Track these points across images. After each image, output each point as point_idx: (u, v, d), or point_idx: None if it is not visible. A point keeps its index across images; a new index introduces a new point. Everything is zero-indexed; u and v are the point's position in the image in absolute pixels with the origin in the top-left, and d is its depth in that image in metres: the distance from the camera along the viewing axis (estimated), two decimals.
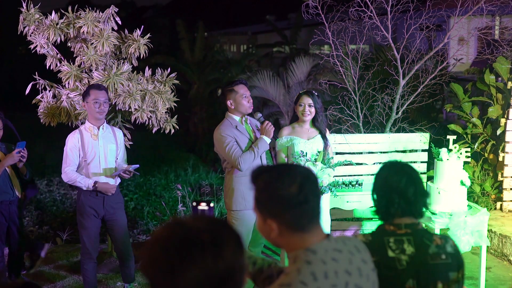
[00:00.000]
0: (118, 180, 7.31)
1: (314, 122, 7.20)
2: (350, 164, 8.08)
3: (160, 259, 2.05)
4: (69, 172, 6.98)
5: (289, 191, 2.64)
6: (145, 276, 2.11)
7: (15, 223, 7.52)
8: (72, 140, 7.01)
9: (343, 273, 2.62)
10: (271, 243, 2.80)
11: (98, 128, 7.05)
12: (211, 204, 2.97)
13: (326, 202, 7.20)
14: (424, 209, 3.54)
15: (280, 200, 2.65)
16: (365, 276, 2.71)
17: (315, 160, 7.02)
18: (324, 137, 7.22)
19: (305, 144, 7.07)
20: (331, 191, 7.19)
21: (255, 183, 2.75)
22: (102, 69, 7.88)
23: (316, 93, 7.24)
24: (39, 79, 8.03)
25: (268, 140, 6.81)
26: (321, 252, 2.63)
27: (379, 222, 3.60)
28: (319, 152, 7.16)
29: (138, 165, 7.23)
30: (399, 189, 3.47)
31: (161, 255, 2.05)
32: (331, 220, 7.30)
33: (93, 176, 7.03)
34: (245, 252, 2.20)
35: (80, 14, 7.87)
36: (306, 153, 7.03)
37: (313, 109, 7.09)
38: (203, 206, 2.96)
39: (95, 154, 7.02)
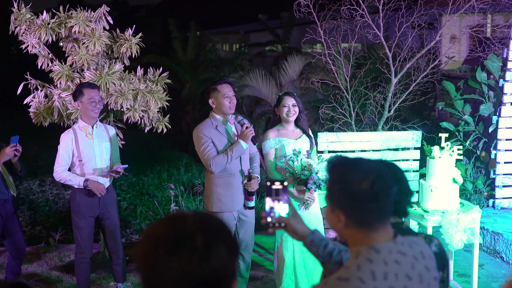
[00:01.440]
0: (112, 178, 7.30)
1: (297, 122, 7.17)
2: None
3: (150, 253, 2.07)
4: (60, 172, 6.96)
5: (360, 187, 2.60)
6: (137, 268, 2.13)
7: (14, 222, 7.45)
8: (65, 140, 6.98)
9: (403, 277, 2.58)
10: (336, 233, 2.80)
11: (92, 127, 7.03)
12: (285, 183, 2.96)
13: (317, 200, 7.19)
14: (408, 208, 3.54)
15: (350, 194, 2.62)
16: (426, 283, 2.67)
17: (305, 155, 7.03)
18: (308, 136, 7.23)
19: (294, 144, 7.05)
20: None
21: (330, 173, 2.74)
22: (94, 69, 7.88)
23: (295, 94, 7.26)
24: (30, 79, 8.02)
25: (244, 145, 6.70)
26: (384, 252, 2.60)
27: None
28: (308, 150, 7.15)
29: (126, 165, 7.21)
30: None
31: (151, 250, 2.07)
32: (323, 218, 7.31)
33: (88, 175, 7.01)
34: (237, 260, 2.19)
35: (71, 13, 7.86)
36: (299, 151, 7.02)
37: (296, 109, 7.07)
38: (277, 185, 2.95)
39: (91, 154, 7.00)
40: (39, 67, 8.03)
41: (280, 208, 2.98)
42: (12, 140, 6.99)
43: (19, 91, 8.02)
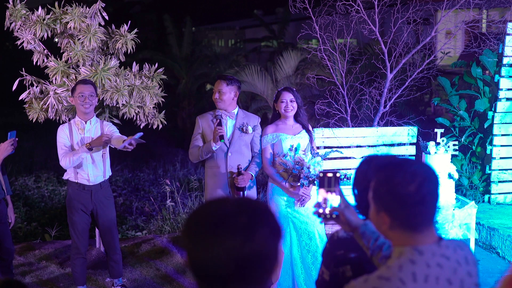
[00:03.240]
0: (108, 174, 7.29)
1: (296, 117, 7.19)
2: (340, 153, 8.06)
3: (195, 234, 2.13)
4: (63, 157, 6.84)
5: (407, 190, 2.60)
6: (183, 249, 2.19)
7: (6, 223, 7.36)
8: (62, 133, 6.96)
9: (444, 281, 2.58)
10: (381, 233, 2.79)
11: (86, 123, 7.02)
12: (338, 174, 2.96)
13: (313, 194, 7.21)
14: None
15: (396, 197, 2.62)
16: None
17: (303, 152, 7.03)
18: (308, 131, 7.23)
19: (292, 139, 7.07)
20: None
21: (375, 174, 2.74)
22: (89, 65, 7.86)
23: (294, 89, 7.27)
24: (26, 75, 8.01)
25: (213, 146, 6.83)
26: (427, 254, 2.60)
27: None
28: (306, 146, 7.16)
29: (142, 133, 7.00)
30: None
31: (196, 230, 2.13)
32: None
33: (82, 168, 6.99)
34: (280, 242, 2.21)
35: (66, 9, 7.84)
36: (296, 147, 7.02)
37: (295, 104, 7.09)
38: (329, 176, 2.96)
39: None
40: (34, 63, 8.02)
41: (333, 199, 2.99)
42: (9, 135, 6.94)
43: (14, 87, 8.00)
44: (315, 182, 6.85)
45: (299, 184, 6.83)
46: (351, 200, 3.37)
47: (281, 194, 7.02)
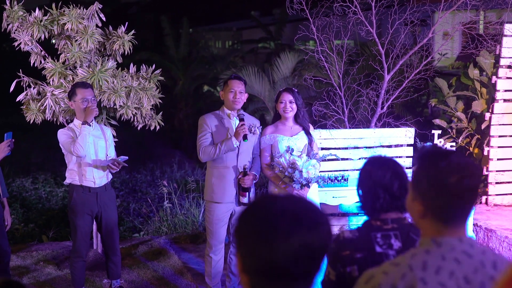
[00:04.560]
0: (110, 176, 7.30)
1: (296, 118, 7.20)
2: (335, 157, 8.06)
3: (267, 231, 2.10)
4: (75, 147, 6.76)
5: (447, 179, 2.57)
6: (239, 244, 2.17)
7: (1, 225, 7.31)
8: (66, 134, 6.89)
9: (459, 277, 2.51)
10: (413, 222, 2.78)
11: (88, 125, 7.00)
12: None
13: (315, 195, 7.23)
14: None
15: (435, 185, 2.59)
16: None
17: (300, 154, 7.03)
18: (308, 133, 7.23)
19: (288, 141, 7.07)
20: (318, 183, 7.19)
21: (420, 159, 2.71)
22: (86, 66, 7.86)
23: (296, 90, 7.26)
24: (23, 77, 8.00)
25: (234, 143, 6.81)
26: (446, 247, 2.56)
27: (365, 218, 3.60)
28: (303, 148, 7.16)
29: (127, 157, 7.19)
30: (384, 184, 3.46)
31: (269, 228, 2.11)
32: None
33: (87, 170, 6.97)
34: (332, 231, 2.24)
35: (64, 10, 7.84)
36: (292, 148, 7.02)
37: (294, 106, 7.09)
38: None
39: (87, 151, 6.95)
40: (31, 64, 8.02)
41: None
42: (6, 136, 6.92)
43: (11, 89, 8.00)
44: (309, 185, 6.86)
45: (294, 185, 6.84)
46: (355, 200, 3.39)
47: None
